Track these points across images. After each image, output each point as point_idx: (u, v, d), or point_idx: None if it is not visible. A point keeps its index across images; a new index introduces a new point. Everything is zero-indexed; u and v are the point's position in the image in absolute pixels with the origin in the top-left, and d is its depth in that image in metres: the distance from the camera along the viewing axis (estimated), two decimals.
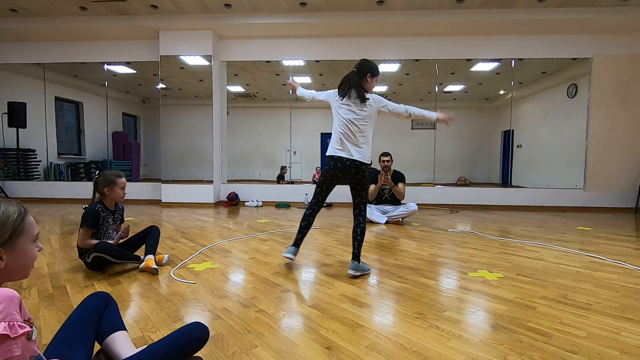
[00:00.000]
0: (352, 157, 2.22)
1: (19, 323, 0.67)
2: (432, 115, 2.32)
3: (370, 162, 2.31)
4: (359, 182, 2.28)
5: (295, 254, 2.35)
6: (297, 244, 2.38)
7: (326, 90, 2.48)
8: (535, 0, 4.78)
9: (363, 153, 2.24)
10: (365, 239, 3.31)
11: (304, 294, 1.88)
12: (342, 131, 2.25)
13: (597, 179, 5.59)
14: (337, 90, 2.35)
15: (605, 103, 5.53)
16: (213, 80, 5.81)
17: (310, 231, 3.64)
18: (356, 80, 2.27)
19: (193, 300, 1.77)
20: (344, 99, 2.28)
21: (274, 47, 5.89)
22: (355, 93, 2.25)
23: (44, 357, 0.81)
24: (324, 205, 2.48)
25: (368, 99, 2.26)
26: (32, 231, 0.85)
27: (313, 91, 2.54)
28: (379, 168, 4.28)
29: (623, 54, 5.46)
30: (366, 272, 2.22)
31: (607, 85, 5.52)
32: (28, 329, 0.68)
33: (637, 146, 5.52)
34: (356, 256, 2.21)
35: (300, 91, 2.60)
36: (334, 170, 2.27)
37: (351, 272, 2.17)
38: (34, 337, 0.76)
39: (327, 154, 2.32)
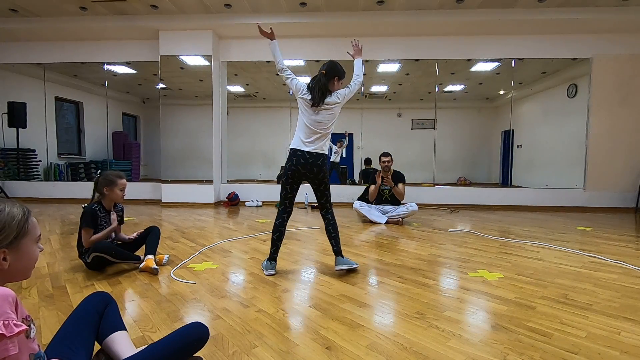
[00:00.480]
0: (319, 152, 2.26)
1: (15, 322, 0.67)
2: (357, 61, 2.53)
3: (327, 155, 2.33)
4: (321, 182, 2.30)
5: (275, 267, 2.25)
6: (273, 257, 2.26)
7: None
8: (535, 0, 4.78)
9: (325, 148, 2.30)
10: (365, 239, 3.33)
11: (304, 294, 1.88)
12: (312, 129, 2.25)
13: (597, 179, 5.59)
14: (306, 87, 2.34)
15: (605, 103, 5.53)
16: (213, 80, 5.81)
17: (310, 231, 3.65)
18: (324, 83, 2.28)
19: (193, 300, 1.77)
20: (315, 104, 2.26)
21: None
22: (323, 97, 2.27)
23: (45, 356, 0.81)
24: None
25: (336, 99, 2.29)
26: (35, 232, 0.85)
27: (286, 65, 2.43)
28: (379, 168, 4.28)
29: (623, 53, 5.46)
30: (352, 267, 2.23)
31: (607, 85, 5.52)
32: (24, 327, 0.68)
33: (637, 146, 5.52)
34: (338, 252, 2.27)
35: (274, 48, 2.42)
36: (297, 166, 2.23)
37: (337, 267, 2.22)
38: (32, 334, 0.76)
39: (292, 147, 2.27)
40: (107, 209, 2.32)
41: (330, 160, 7.38)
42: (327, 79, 2.30)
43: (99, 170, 2.40)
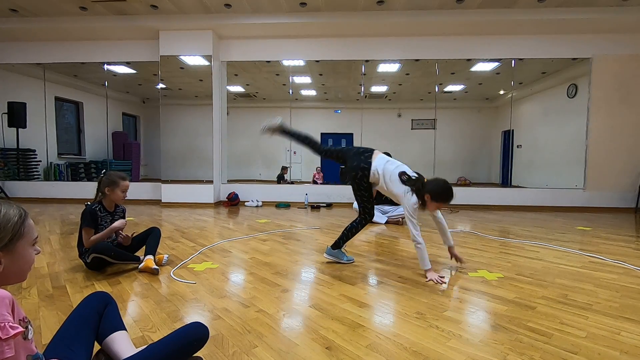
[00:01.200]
0: None
1: (10, 324, 0.66)
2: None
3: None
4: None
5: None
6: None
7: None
8: (535, 0, 4.78)
9: None
10: (365, 239, 3.32)
11: (304, 294, 1.88)
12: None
13: (597, 179, 5.59)
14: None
15: (606, 103, 5.53)
16: (213, 80, 5.81)
17: (310, 231, 3.64)
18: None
19: (193, 300, 1.77)
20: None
21: (274, 47, 5.90)
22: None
23: (43, 357, 0.81)
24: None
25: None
26: (31, 234, 0.83)
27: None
28: None
29: (623, 53, 5.46)
30: (341, 261, 2.41)
31: (607, 85, 5.52)
32: (20, 329, 0.67)
33: (637, 146, 5.52)
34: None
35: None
36: None
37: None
38: (30, 336, 0.76)
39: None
40: (107, 209, 2.32)
41: None
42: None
43: (104, 170, 2.40)
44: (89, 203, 2.26)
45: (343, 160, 2.44)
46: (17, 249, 0.79)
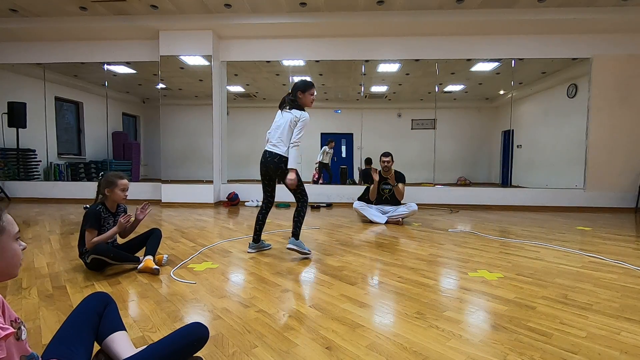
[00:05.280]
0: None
1: (1, 326, 0.65)
2: (290, 164, 2.58)
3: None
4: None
5: (254, 249, 2.76)
6: (254, 240, 2.78)
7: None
8: (535, 0, 4.78)
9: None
10: (365, 239, 3.32)
11: (304, 294, 1.88)
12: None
13: (597, 179, 5.59)
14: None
15: (605, 103, 5.53)
16: (213, 80, 5.81)
17: (310, 231, 3.65)
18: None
19: (193, 300, 1.77)
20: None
21: (274, 47, 5.90)
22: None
23: (39, 357, 0.81)
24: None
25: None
26: (12, 229, 0.81)
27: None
28: (379, 168, 4.28)
29: (623, 54, 5.46)
30: (303, 252, 2.56)
31: (607, 85, 5.52)
32: (11, 330, 0.67)
33: (637, 146, 5.52)
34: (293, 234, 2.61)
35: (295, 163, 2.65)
36: (260, 163, 2.77)
37: (288, 246, 2.57)
38: (23, 336, 0.75)
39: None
40: (110, 210, 2.32)
41: (320, 160, 7.46)
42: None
43: (102, 172, 2.40)
44: (87, 206, 2.26)
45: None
46: (0, 244, 0.77)
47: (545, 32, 5.48)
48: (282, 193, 6.34)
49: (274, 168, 2.63)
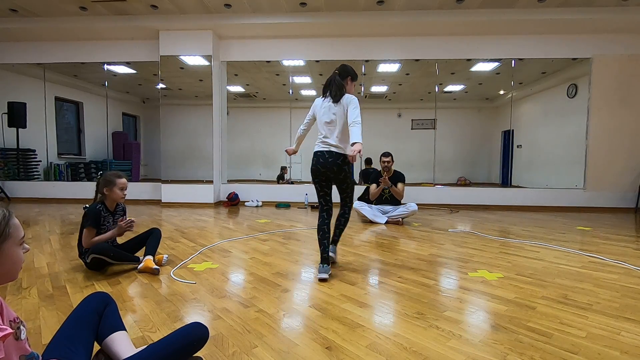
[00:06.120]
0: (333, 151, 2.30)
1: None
2: (354, 138, 2.13)
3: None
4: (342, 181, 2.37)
5: (328, 271, 2.15)
6: (325, 260, 2.20)
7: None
8: (535, 0, 4.78)
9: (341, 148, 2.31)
10: (365, 239, 3.32)
11: (304, 294, 1.88)
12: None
13: (597, 179, 5.59)
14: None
15: (605, 103, 5.53)
16: (213, 80, 5.81)
17: (310, 231, 3.64)
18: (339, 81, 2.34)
19: (193, 300, 1.77)
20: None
21: (274, 47, 5.90)
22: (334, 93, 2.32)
23: (39, 356, 0.81)
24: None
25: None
26: (17, 234, 0.80)
27: (300, 130, 2.67)
28: (379, 168, 4.27)
29: (623, 54, 5.46)
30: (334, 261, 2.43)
31: (607, 85, 5.52)
32: (10, 330, 0.66)
33: (637, 146, 5.52)
34: (334, 242, 2.49)
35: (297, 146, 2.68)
36: (316, 166, 2.32)
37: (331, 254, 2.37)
38: (23, 336, 0.75)
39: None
40: (109, 210, 2.32)
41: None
42: (341, 78, 2.35)
43: (100, 172, 2.39)
44: (87, 206, 2.26)
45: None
46: (4, 250, 0.77)
47: (545, 32, 5.48)
48: (283, 193, 6.36)
49: (337, 170, 2.30)
